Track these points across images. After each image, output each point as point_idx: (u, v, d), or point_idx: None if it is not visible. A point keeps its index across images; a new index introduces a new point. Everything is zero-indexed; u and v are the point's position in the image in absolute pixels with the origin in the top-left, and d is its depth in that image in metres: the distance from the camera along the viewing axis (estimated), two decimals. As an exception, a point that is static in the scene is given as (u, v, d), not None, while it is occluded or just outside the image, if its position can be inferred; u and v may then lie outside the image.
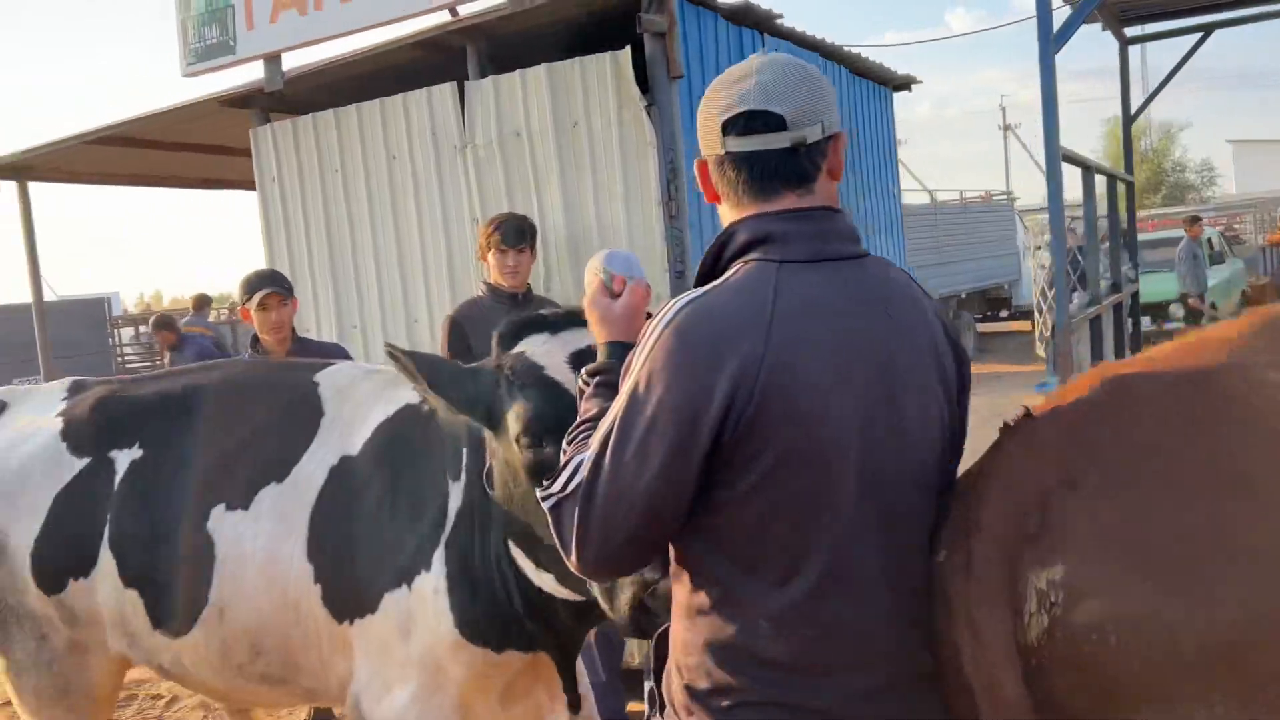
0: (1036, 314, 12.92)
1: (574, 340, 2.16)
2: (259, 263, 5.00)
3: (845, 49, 5.88)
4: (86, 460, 2.70)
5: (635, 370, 1.44)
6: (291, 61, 4.85)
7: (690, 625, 1.49)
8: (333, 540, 2.46)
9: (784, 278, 1.44)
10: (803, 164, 1.49)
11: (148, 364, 16.85)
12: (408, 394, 2.55)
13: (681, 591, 1.52)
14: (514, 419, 2.09)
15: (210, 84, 5.19)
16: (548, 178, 4.39)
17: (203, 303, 12.35)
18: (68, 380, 2.99)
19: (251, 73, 4.96)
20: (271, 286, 3.90)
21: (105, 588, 2.62)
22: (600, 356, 1.77)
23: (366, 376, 2.73)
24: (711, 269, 1.54)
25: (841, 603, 1.43)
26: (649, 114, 4.12)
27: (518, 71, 4.39)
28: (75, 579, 2.64)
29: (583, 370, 1.75)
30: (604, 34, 4.24)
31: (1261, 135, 43.36)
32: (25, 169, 6.24)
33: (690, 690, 1.48)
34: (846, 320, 1.45)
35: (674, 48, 4.08)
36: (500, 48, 4.54)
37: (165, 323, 9.48)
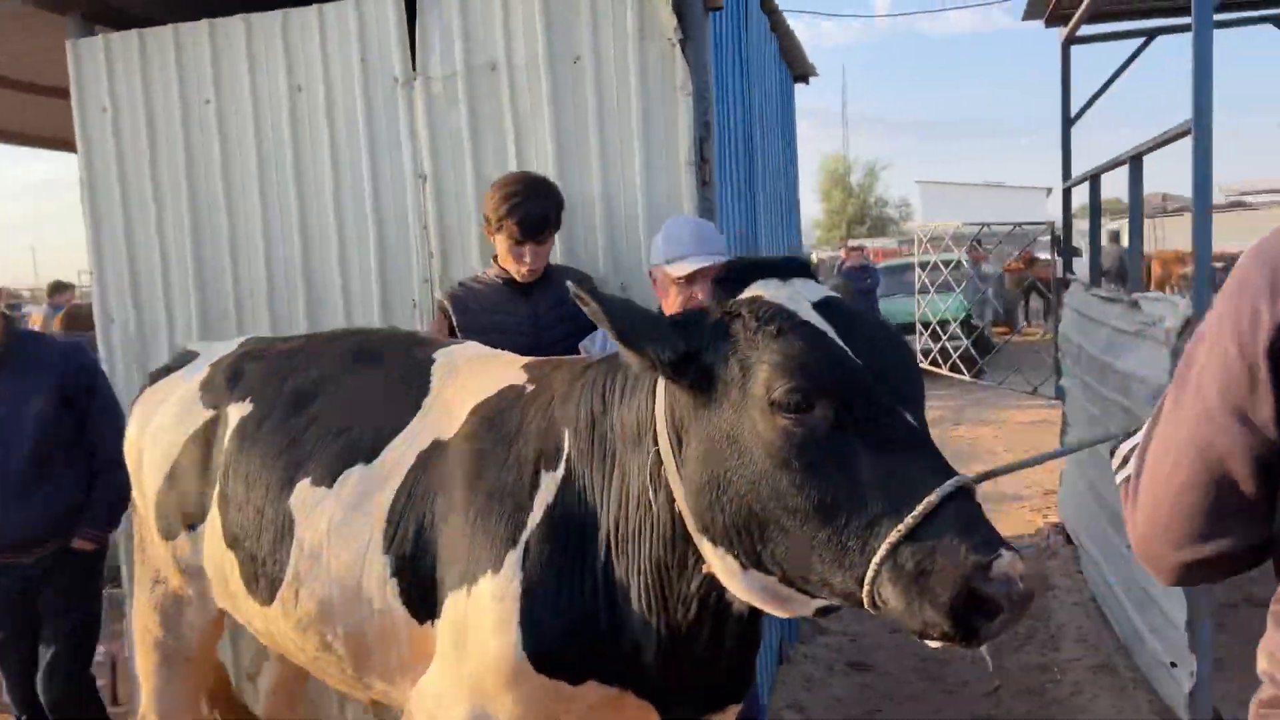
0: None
1: (811, 289, 1.85)
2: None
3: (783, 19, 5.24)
4: (211, 413, 2.68)
5: None
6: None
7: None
8: (412, 531, 2.23)
9: None
10: None
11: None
12: (516, 374, 2.33)
13: None
14: (766, 370, 1.70)
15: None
16: (532, 126, 3.39)
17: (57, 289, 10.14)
18: (244, 337, 2.99)
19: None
20: None
21: (210, 544, 2.61)
22: None
23: (484, 355, 2.50)
24: None
25: None
26: (683, 49, 3.25)
27: (498, -16, 3.37)
28: (187, 529, 2.68)
29: None
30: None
31: (941, 177, 48.88)
32: None
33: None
34: None
35: (715, -31, 3.25)
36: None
37: None
